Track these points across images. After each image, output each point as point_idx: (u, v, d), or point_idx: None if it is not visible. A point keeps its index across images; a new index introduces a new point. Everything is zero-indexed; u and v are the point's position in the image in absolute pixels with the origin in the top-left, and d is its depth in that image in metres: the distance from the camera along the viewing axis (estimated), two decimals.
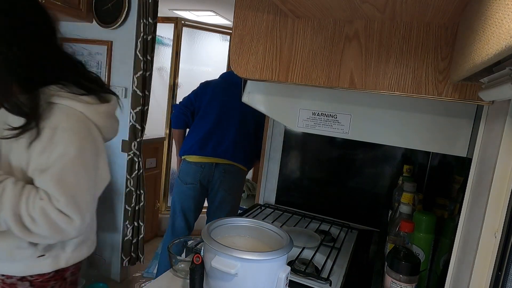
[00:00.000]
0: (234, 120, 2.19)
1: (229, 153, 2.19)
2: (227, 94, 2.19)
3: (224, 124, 2.19)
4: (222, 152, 2.17)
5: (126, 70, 2.30)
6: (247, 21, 0.86)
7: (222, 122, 2.19)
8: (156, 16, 2.22)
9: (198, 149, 2.18)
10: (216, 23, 3.57)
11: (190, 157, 2.21)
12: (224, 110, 2.18)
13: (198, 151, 2.18)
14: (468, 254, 0.62)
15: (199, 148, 2.17)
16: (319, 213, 1.48)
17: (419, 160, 1.36)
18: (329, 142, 1.51)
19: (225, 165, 2.21)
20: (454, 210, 0.95)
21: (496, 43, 0.33)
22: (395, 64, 0.74)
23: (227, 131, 2.18)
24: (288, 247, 0.76)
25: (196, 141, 2.18)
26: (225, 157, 2.19)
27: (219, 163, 2.19)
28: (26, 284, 0.94)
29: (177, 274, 1.00)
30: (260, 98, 1.08)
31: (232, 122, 2.19)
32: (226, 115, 2.19)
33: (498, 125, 0.58)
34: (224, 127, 2.19)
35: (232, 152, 2.20)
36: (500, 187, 0.56)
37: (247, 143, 2.25)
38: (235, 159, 2.22)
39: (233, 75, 2.18)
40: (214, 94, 2.20)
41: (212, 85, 2.25)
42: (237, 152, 2.22)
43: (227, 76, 2.27)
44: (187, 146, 2.21)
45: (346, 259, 1.09)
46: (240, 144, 2.21)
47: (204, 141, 2.17)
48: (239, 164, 2.25)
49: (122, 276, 2.50)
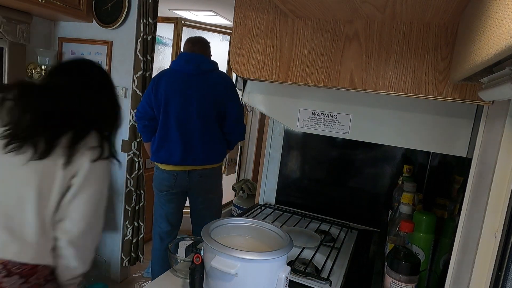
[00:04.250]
0: (194, 122, 1.98)
1: (199, 160, 2.02)
2: (180, 91, 1.97)
3: (185, 127, 1.99)
4: (192, 160, 2.01)
5: (126, 70, 2.30)
6: (247, 21, 0.86)
7: (182, 126, 1.99)
8: (156, 16, 2.22)
9: (167, 158, 2.02)
10: (216, 23, 3.57)
11: (161, 165, 2.06)
12: (182, 112, 1.98)
13: (168, 160, 2.02)
14: (468, 254, 0.62)
15: (168, 157, 2.01)
16: (319, 213, 1.48)
17: (419, 160, 1.36)
18: (329, 142, 1.51)
19: (199, 170, 2.06)
20: (454, 210, 0.95)
21: (496, 43, 0.33)
22: (395, 64, 0.74)
23: (191, 137, 2.00)
24: (288, 247, 0.76)
25: (164, 149, 2.02)
26: (197, 164, 2.03)
27: (193, 169, 2.04)
28: None
29: (177, 274, 1.00)
30: (260, 98, 1.08)
31: (193, 124, 1.99)
32: (184, 116, 1.98)
33: (498, 125, 0.58)
34: (186, 132, 2.00)
35: (203, 157, 2.03)
36: (500, 187, 0.56)
37: (216, 139, 2.06)
38: (208, 162, 2.07)
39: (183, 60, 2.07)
40: (168, 92, 1.98)
41: (163, 81, 2.00)
42: (208, 155, 2.05)
43: (177, 66, 2.03)
44: (156, 153, 2.05)
45: (346, 259, 1.09)
46: (207, 145, 2.03)
47: (171, 151, 2.01)
48: (214, 164, 2.10)
49: (122, 276, 2.50)
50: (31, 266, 0.98)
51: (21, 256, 0.97)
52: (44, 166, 0.98)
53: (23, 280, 0.97)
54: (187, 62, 2.01)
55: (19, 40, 2.22)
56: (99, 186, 1.08)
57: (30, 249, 0.98)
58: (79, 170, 1.02)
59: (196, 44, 2.09)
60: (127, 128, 2.30)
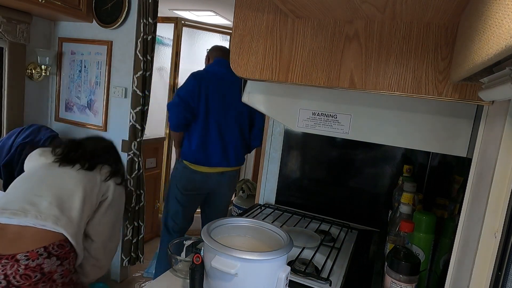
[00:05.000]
0: (232, 126, 2.13)
1: (233, 161, 2.17)
2: (222, 96, 2.09)
3: (224, 131, 2.11)
4: (227, 162, 2.14)
5: (126, 70, 2.30)
6: (247, 21, 0.86)
7: (222, 129, 2.10)
8: (156, 16, 2.22)
9: (205, 161, 2.10)
10: (216, 23, 3.57)
11: (194, 165, 2.12)
12: (222, 116, 2.10)
13: (205, 162, 2.10)
14: (468, 254, 0.62)
15: (206, 159, 2.10)
16: (319, 213, 1.48)
17: (419, 160, 1.36)
18: (329, 142, 1.51)
19: (229, 171, 2.20)
20: (454, 210, 0.95)
21: (496, 43, 0.33)
22: (395, 64, 0.74)
23: (228, 140, 2.12)
24: (288, 247, 0.76)
25: (203, 152, 2.09)
26: (230, 165, 2.17)
27: (225, 171, 2.17)
28: None
29: (177, 274, 1.00)
30: (260, 98, 1.08)
31: (231, 128, 2.13)
32: (224, 120, 2.11)
33: (498, 125, 0.58)
34: (225, 135, 2.11)
35: (236, 159, 2.18)
36: (500, 187, 0.56)
37: (244, 142, 2.22)
38: (238, 164, 2.22)
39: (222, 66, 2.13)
40: (209, 94, 2.07)
41: (205, 82, 2.07)
42: (238, 157, 2.20)
43: (217, 71, 2.11)
44: (190, 154, 2.10)
45: (346, 259, 1.09)
46: (238, 148, 2.19)
47: (211, 153, 2.10)
48: (240, 165, 2.26)
49: (122, 276, 2.50)
50: (65, 251, 1.26)
51: (68, 230, 1.26)
52: (89, 175, 1.46)
53: (59, 262, 1.24)
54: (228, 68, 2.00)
55: (19, 40, 2.22)
56: (120, 204, 1.58)
57: (73, 226, 1.30)
58: (109, 188, 1.49)
59: (226, 53, 2.20)
60: (127, 128, 2.30)
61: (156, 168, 3.08)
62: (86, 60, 2.44)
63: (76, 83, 2.50)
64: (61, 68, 2.53)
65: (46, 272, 1.19)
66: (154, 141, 3.01)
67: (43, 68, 2.41)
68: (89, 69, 2.44)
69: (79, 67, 2.47)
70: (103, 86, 2.38)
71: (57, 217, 1.26)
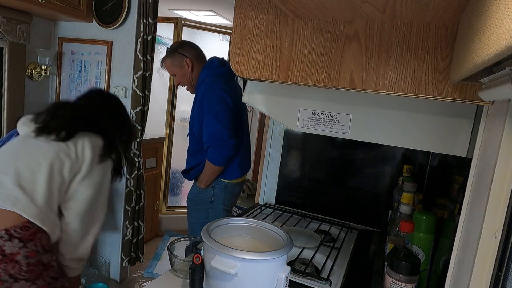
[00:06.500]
0: (247, 129, 2.01)
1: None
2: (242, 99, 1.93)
3: (245, 135, 1.99)
4: (248, 168, 2.03)
5: (126, 70, 2.30)
6: (247, 21, 0.86)
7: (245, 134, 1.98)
8: (156, 16, 2.22)
9: (246, 170, 2.00)
10: (216, 23, 3.57)
11: (235, 180, 1.96)
12: (245, 121, 2.00)
13: (240, 172, 1.94)
14: (468, 254, 0.62)
15: (240, 169, 1.94)
16: (319, 213, 1.48)
17: (419, 160, 1.36)
18: (329, 142, 1.51)
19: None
20: (454, 210, 0.95)
21: (496, 43, 0.33)
22: (395, 64, 0.74)
23: (246, 143, 2.00)
24: (288, 247, 0.76)
25: (246, 161, 1.99)
26: None
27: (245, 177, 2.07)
28: None
29: (177, 274, 1.00)
30: (260, 98, 1.08)
31: (247, 131, 2.01)
32: (244, 124, 1.99)
33: (498, 125, 0.58)
34: (244, 137, 1.96)
35: None
36: (500, 187, 0.56)
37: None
38: None
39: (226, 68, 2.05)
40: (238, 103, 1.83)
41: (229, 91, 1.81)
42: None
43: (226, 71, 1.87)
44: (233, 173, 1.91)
45: (346, 259, 1.09)
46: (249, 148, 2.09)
47: (246, 160, 2.00)
48: None
49: (122, 276, 2.50)
50: (30, 232, 1.16)
51: (27, 211, 1.17)
52: (61, 147, 1.30)
53: (22, 245, 1.14)
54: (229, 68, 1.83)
55: (19, 40, 2.22)
56: (100, 177, 1.40)
57: (35, 208, 1.19)
58: (84, 160, 1.33)
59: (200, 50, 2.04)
60: None
61: (156, 168, 3.08)
62: (86, 60, 2.44)
63: (76, 83, 2.50)
64: (61, 68, 2.53)
65: (7, 254, 1.12)
66: (154, 141, 3.01)
67: (43, 68, 2.41)
68: (89, 69, 2.44)
69: (79, 67, 2.47)
70: (103, 86, 2.38)
71: (17, 198, 1.17)
